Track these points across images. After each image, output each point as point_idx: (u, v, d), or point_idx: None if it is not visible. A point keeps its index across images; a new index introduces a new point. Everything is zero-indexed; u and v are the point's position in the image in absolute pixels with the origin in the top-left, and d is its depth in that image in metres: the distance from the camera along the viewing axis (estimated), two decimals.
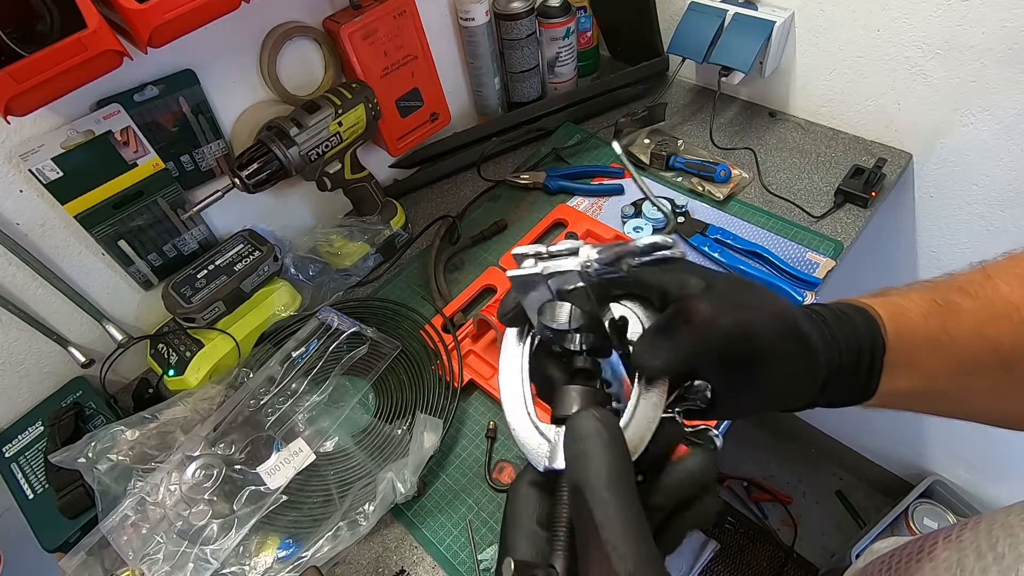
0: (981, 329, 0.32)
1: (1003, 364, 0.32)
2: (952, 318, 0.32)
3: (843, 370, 0.31)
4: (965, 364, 0.32)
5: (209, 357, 0.78)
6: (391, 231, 0.92)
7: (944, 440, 1.36)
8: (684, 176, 0.95)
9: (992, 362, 0.32)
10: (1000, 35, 0.77)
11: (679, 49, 1.00)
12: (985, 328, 0.32)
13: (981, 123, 0.85)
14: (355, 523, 0.63)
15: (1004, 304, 0.32)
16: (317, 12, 0.83)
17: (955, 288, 0.33)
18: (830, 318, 0.32)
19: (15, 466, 0.74)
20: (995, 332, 0.32)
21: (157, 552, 0.61)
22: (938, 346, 0.32)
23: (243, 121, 0.82)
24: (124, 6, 0.53)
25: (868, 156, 0.94)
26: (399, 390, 0.76)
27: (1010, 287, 0.33)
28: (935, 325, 0.32)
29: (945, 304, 0.32)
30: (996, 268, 0.34)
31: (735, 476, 1.63)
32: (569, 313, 0.29)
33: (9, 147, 0.66)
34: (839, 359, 0.31)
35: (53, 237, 0.73)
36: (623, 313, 0.31)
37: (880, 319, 0.31)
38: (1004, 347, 0.32)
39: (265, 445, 0.69)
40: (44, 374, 0.80)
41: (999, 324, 0.32)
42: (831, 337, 0.31)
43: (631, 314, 0.31)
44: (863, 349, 0.31)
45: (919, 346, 0.31)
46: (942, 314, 0.32)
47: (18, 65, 0.50)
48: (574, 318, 0.29)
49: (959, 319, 0.32)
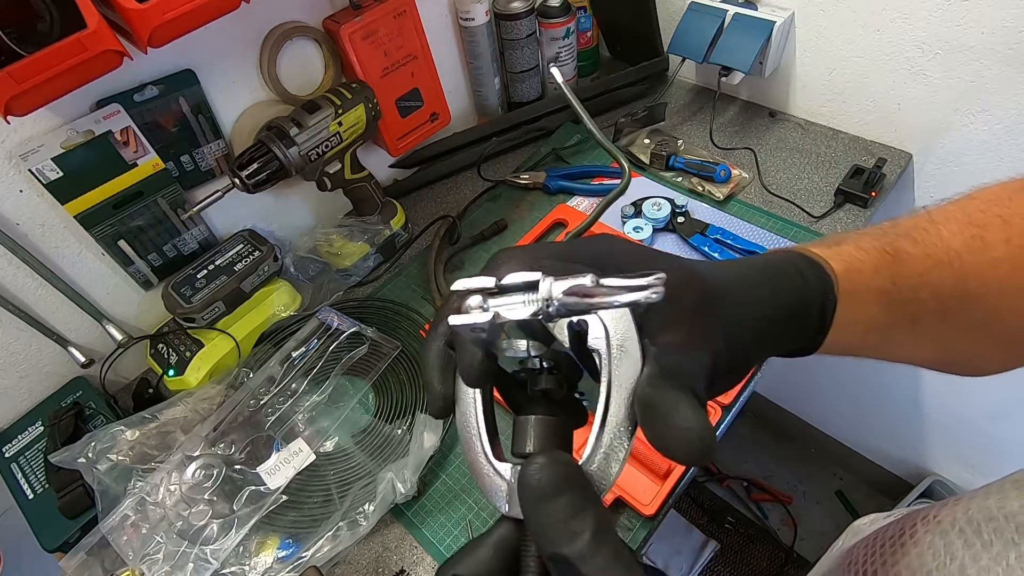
0: (924, 276, 0.32)
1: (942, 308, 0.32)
2: (899, 267, 0.32)
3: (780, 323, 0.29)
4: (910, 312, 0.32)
5: (209, 357, 0.78)
6: (391, 231, 0.92)
7: (944, 440, 1.36)
8: (684, 176, 0.95)
9: (933, 307, 0.32)
10: (1000, 35, 0.77)
11: (679, 49, 1.00)
12: (928, 275, 0.32)
13: (981, 123, 0.85)
14: (355, 523, 0.63)
15: (946, 250, 0.32)
16: (317, 12, 0.83)
17: (902, 235, 0.33)
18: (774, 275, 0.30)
19: (15, 466, 0.74)
20: (937, 278, 0.32)
21: (157, 552, 0.61)
22: (886, 298, 0.32)
23: (243, 121, 0.82)
24: (124, 6, 0.53)
25: (868, 156, 0.94)
26: (399, 390, 0.76)
27: (951, 233, 0.33)
28: (884, 276, 0.32)
29: (894, 253, 0.32)
30: (940, 213, 0.34)
31: (735, 476, 1.63)
32: (527, 345, 0.26)
33: (9, 147, 0.66)
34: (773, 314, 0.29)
35: (53, 237, 0.73)
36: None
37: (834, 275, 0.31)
38: (944, 293, 0.32)
39: (265, 445, 0.69)
40: (44, 374, 0.80)
41: (941, 271, 0.32)
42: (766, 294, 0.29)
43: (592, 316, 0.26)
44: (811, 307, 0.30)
45: (869, 300, 0.31)
46: (891, 264, 0.32)
47: (18, 65, 0.50)
48: (533, 348, 0.26)
49: (905, 267, 0.32)
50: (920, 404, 1.31)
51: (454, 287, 0.26)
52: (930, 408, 1.31)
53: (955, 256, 0.32)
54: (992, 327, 0.34)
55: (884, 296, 0.32)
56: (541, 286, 0.23)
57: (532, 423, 0.26)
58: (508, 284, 0.24)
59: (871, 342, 0.33)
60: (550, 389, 0.26)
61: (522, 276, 0.24)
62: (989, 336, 0.35)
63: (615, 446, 0.24)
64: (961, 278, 0.32)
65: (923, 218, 0.34)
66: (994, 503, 0.34)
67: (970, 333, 0.34)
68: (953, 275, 0.32)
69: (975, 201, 0.35)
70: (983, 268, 0.32)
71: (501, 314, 0.24)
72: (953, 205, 0.35)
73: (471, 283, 0.25)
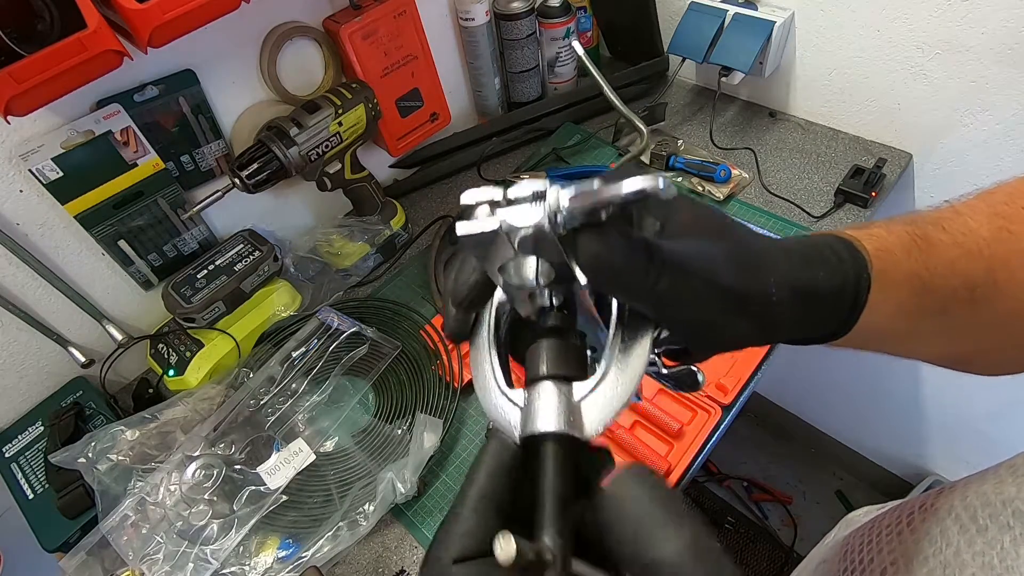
0: (955, 265, 0.31)
1: (972, 299, 0.32)
2: (931, 252, 0.31)
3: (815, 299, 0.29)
4: (941, 301, 0.32)
5: (209, 357, 0.78)
6: (391, 231, 0.92)
7: (944, 440, 1.36)
8: (684, 176, 0.95)
9: (965, 298, 0.32)
10: (1000, 35, 0.77)
11: (679, 49, 1.00)
12: (958, 264, 0.31)
13: (981, 123, 0.85)
14: (355, 523, 0.63)
15: (976, 239, 0.32)
16: (317, 12, 0.83)
17: (930, 222, 0.33)
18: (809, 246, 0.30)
19: (15, 466, 0.74)
20: (967, 267, 0.31)
21: (157, 552, 0.61)
22: (918, 283, 0.31)
23: (243, 121, 0.82)
24: (124, 6, 0.53)
25: (868, 156, 0.94)
26: (399, 390, 0.76)
27: (978, 223, 0.32)
28: (917, 260, 0.31)
29: (924, 238, 0.32)
30: (964, 206, 0.34)
31: (735, 476, 1.63)
32: (535, 267, 0.24)
33: (9, 147, 0.66)
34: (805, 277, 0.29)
35: (53, 237, 0.73)
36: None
37: (867, 253, 0.30)
38: (974, 282, 0.31)
39: (265, 445, 0.69)
40: (44, 374, 0.80)
41: (971, 260, 0.31)
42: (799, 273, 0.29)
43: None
44: (846, 284, 0.29)
45: (901, 283, 0.31)
46: (923, 249, 0.31)
47: (18, 65, 0.50)
48: (542, 272, 0.24)
49: (937, 254, 0.31)
50: (920, 404, 1.31)
51: (462, 198, 0.25)
52: (930, 408, 1.31)
53: (984, 245, 0.32)
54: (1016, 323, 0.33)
55: (916, 281, 0.31)
56: (549, 194, 0.23)
57: (544, 346, 0.25)
58: (516, 195, 0.24)
59: (898, 329, 0.32)
60: (558, 326, 0.26)
61: (531, 185, 0.24)
62: (1013, 331, 0.34)
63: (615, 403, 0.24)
64: (990, 269, 0.32)
65: (948, 210, 0.34)
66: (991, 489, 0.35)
67: (996, 327, 0.34)
68: (984, 265, 0.31)
69: (996, 195, 0.34)
70: (1010, 258, 0.32)
71: (509, 221, 0.23)
72: (976, 199, 0.34)
73: (480, 194, 0.24)
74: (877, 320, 0.30)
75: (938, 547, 0.35)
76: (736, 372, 0.72)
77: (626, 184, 0.22)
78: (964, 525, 0.34)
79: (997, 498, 0.33)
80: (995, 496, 0.34)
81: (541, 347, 0.25)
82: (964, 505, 0.35)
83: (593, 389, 0.24)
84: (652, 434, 0.70)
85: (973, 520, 0.34)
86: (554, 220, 0.23)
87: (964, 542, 0.34)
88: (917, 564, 0.37)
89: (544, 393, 0.24)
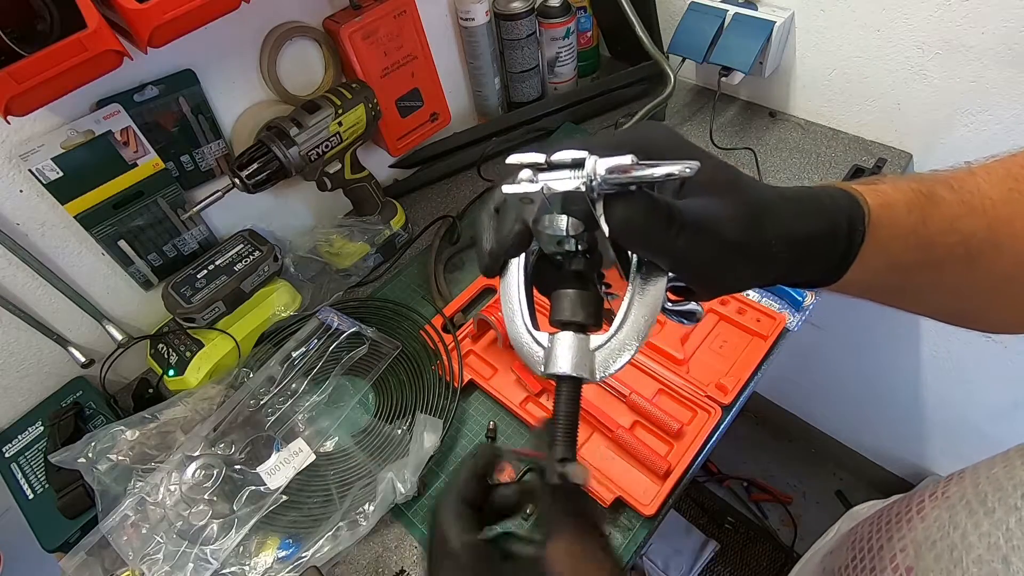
0: (956, 222, 0.32)
1: (969, 257, 0.33)
2: (932, 209, 0.32)
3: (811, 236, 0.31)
4: (936, 257, 0.33)
5: (209, 357, 0.78)
6: (391, 231, 0.92)
7: (944, 440, 1.36)
8: None
9: (961, 255, 0.33)
10: (1000, 35, 0.77)
11: (679, 49, 1.00)
12: (959, 222, 0.32)
13: (981, 123, 0.85)
14: (355, 523, 0.63)
15: (981, 198, 0.33)
16: (317, 12, 0.83)
17: (940, 181, 0.34)
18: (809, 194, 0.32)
19: (15, 466, 0.74)
20: (968, 225, 0.32)
21: (157, 552, 0.61)
22: (915, 239, 0.32)
23: (243, 121, 0.82)
24: (124, 6, 0.53)
25: (868, 156, 0.94)
26: (399, 390, 0.76)
27: (989, 184, 0.33)
28: (916, 216, 0.32)
29: (928, 195, 0.33)
30: (980, 167, 0.35)
31: (735, 476, 1.63)
32: (567, 222, 0.28)
33: (9, 147, 0.66)
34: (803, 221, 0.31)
35: (53, 237, 0.73)
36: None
37: (867, 205, 0.31)
38: (974, 241, 0.32)
39: (265, 445, 0.69)
40: (44, 374, 0.80)
41: (974, 218, 0.32)
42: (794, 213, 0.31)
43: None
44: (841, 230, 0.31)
45: (897, 236, 0.32)
46: (924, 205, 0.32)
47: (18, 65, 0.50)
48: (572, 226, 0.28)
49: (939, 212, 0.32)
50: (920, 404, 1.31)
51: (508, 160, 0.28)
52: (930, 408, 1.31)
53: (989, 205, 0.32)
54: (1016, 283, 0.34)
55: (913, 235, 0.32)
56: (587, 163, 0.26)
57: (569, 295, 0.29)
58: (557, 160, 0.27)
59: (892, 281, 0.33)
60: (581, 271, 0.30)
61: (570, 154, 0.27)
62: (1011, 292, 0.35)
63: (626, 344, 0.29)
64: (992, 228, 0.32)
65: (963, 169, 0.35)
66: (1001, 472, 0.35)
67: (993, 287, 0.34)
68: (985, 224, 0.32)
69: (1017, 158, 0.35)
70: (1015, 219, 0.32)
71: (550, 185, 0.26)
72: (996, 161, 0.35)
73: (524, 158, 0.28)
74: (872, 271, 0.32)
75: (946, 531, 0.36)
76: (736, 372, 0.72)
77: (659, 170, 0.25)
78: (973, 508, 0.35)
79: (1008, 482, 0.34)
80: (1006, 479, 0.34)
81: (564, 296, 0.30)
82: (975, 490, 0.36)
83: (607, 341, 0.29)
84: (652, 434, 0.70)
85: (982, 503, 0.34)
86: (589, 186, 0.26)
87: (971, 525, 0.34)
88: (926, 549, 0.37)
89: (565, 341, 0.29)
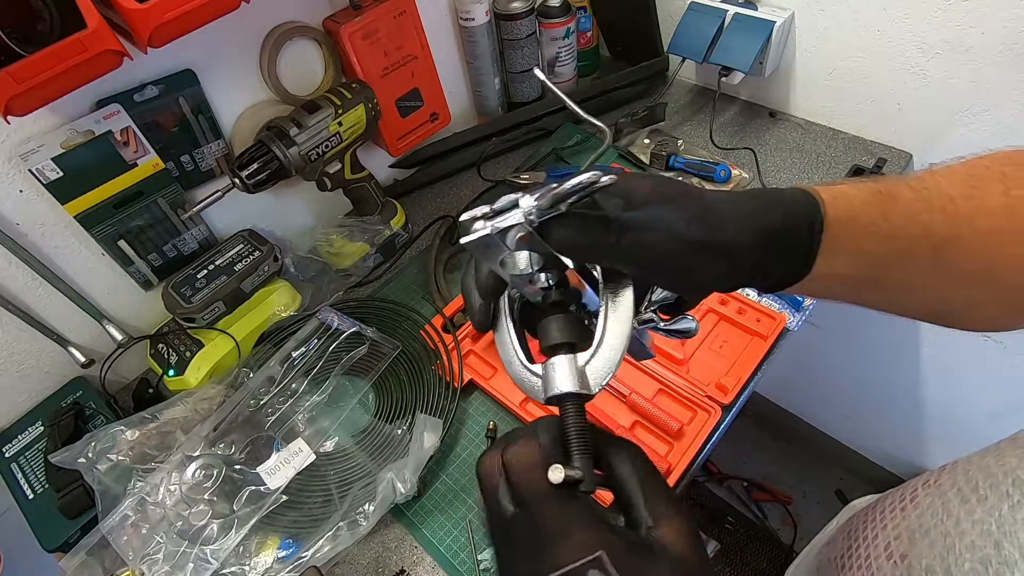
0: (916, 218, 0.33)
1: (935, 251, 0.33)
2: (891, 205, 0.33)
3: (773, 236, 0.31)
4: (902, 251, 0.33)
5: (209, 357, 0.78)
6: (391, 231, 0.92)
7: (944, 440, 1.36)
8: (684, 176, 0.94)
9: (926, 249, 0.33)
10: (1000, 35, 0.77)
11: (679, 49, 1.00)
12: (919, 217, 0.33)
13: (981, 123, 0.85)
14: (355, 523, 0.63)
15: (939, 196, 0.33)
16: (317, 12, 0.83)
17: (899, 180, 0.34)
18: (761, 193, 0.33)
19: (15, 466, 0.74)
20: (928, 220, 0.33)
21: (157, 552, 0.61)
22: (877, 231, 0.32)
23: (243, 121, 0.82)
24: (124, 6, 0.53)
25: (868, 156, 0.94)
26: (399, 390, 0.76)
27: (949, 183, 0.34)
28: (875, 211, 0.33)
29: (887, 192, 0.33)
30: (944, 168, 0.36)
31: (735, 476, 1.63)
32: (528, 258, 0.31)
33: (9, 147, 0.66)
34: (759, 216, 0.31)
35: (53, 237, 0.73)
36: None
37: (822, 200, 0.32)
38: (936, 235, 0.33)
39: (265, 445, 0.69)
40: (44, 374, 0.80)
41: (932, 214, 0.33)
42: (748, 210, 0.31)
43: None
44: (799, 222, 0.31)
45: (858, 229, 0.32)
46: (883, 201, 0.33)
47: (18, 65, 0.50)
48: (533, 261, 0.31)
49: (898, 207, 0.33)
50: (920, 404, 1.31)
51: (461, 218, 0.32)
52: (930, 408, 1.31)
53: (948, 201, 0.33)
54: (987, 278, 0.34)
55: (874, 228, 0.33)
56: (521, 200, 0.29)
57: (553, 320, 0.33)
58: (499, 206, 0.31)
59: (863, 276, 0.34)
60: (560, 300, 0.33)
61: (509, 198, 0.30)
62: (984, 288, 0.35)
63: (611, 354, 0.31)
64: (953, 224, 0.33)
65: (925, 171, 0.35)
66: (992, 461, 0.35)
67: (966, 281, 0.35)
68: (945, 220, 0.33)
69: (983, 159, 0.35)
70: (976, 215, 0.33)
71: (495, 224, 0.30)
72: (960, 163, 0.36)
73: (473, 212, 0.32)
74: (841, 263, 0.32)
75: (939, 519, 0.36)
76: (736, 372, 0.72)
77: (568, 181, 0.28)
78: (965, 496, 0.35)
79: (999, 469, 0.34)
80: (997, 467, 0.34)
81: (549, 322, 0.33)
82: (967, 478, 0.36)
83: (593, 355, 0.32)
84: (652, 434, 0.70)
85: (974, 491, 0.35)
86: (529, 219, 0.29)
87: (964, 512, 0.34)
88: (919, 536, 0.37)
89: (557, 364, 0.32)
